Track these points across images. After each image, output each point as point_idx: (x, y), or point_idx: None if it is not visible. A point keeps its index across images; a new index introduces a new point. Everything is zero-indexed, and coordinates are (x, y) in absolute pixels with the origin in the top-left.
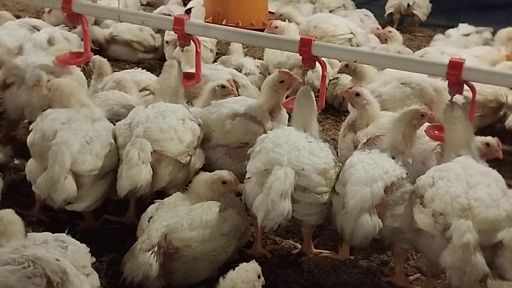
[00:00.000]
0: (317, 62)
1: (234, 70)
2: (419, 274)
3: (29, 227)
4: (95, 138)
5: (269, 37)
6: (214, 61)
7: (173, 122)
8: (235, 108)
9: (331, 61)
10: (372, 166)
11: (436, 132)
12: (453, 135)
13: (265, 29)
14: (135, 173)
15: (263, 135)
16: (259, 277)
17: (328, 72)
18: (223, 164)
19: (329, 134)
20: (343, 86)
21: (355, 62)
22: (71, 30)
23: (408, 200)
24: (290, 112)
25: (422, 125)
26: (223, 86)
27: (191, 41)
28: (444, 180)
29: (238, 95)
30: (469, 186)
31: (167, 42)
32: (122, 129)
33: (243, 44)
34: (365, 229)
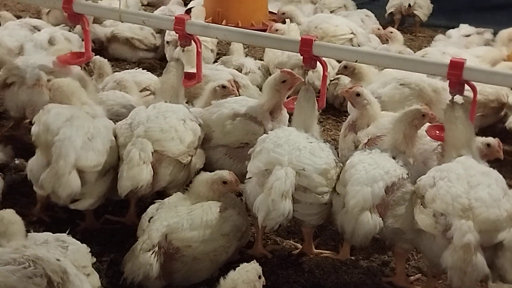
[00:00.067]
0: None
1: (235, 71)
2: (420, 275)
3: (30, 227)
4: (96, 135)
5: (270, 37)
6: (215, 61)
7: (174, 122)
8: (236, 108)
9: (332, 62)
10: (373, 166)
11: (437, 132)
12: (454, 135)
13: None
14: (136, 173)
15: (264, 135)
16: (260, 278)
17: (329, 72)
18: (224, 164)
19: (330, 134)
20: (344, 87)
21: (356, 62)
22: (72, 30)
23: (409, 201)
24: (291, 112)
25: (423, 125)
26: (224, 87)
27: (192, 41)
28: (445, 180)
29: (239, 95)
30: (470, 186)
31: (168, 43)
32: (123, 129)
33: (244, 44)
34: (366, 228)
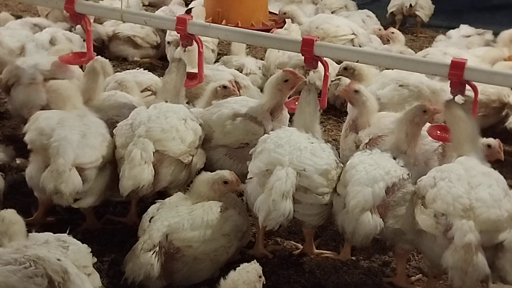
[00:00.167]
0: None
1: (236, 71)
2: (421, 275)
3: (31, 227)
4: (87, 132)
5: (272, 37)
6: (216, 61)
7: (175, 122)
8: (236, 109)
9: (333, 64)
10: (374, 167)
11: (438, 132)
12: (456, 135)
13: None
14: (138, 173)
15: (265, 136)
16: (260, 278)
17: (330, 73)
18: (224, 165)
19: (331, 135)
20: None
21: (358, 62)
22: (73, 30)
23: (410, 201)
24: (292, 113)
25: (426, 123)
26: (225, 87)
27: (193, 41)
28: (446, 181)
29: (240, 96)
30: (471, 187)
31: (169, 43)
32: (124, 129)
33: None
34: (366, 228)
